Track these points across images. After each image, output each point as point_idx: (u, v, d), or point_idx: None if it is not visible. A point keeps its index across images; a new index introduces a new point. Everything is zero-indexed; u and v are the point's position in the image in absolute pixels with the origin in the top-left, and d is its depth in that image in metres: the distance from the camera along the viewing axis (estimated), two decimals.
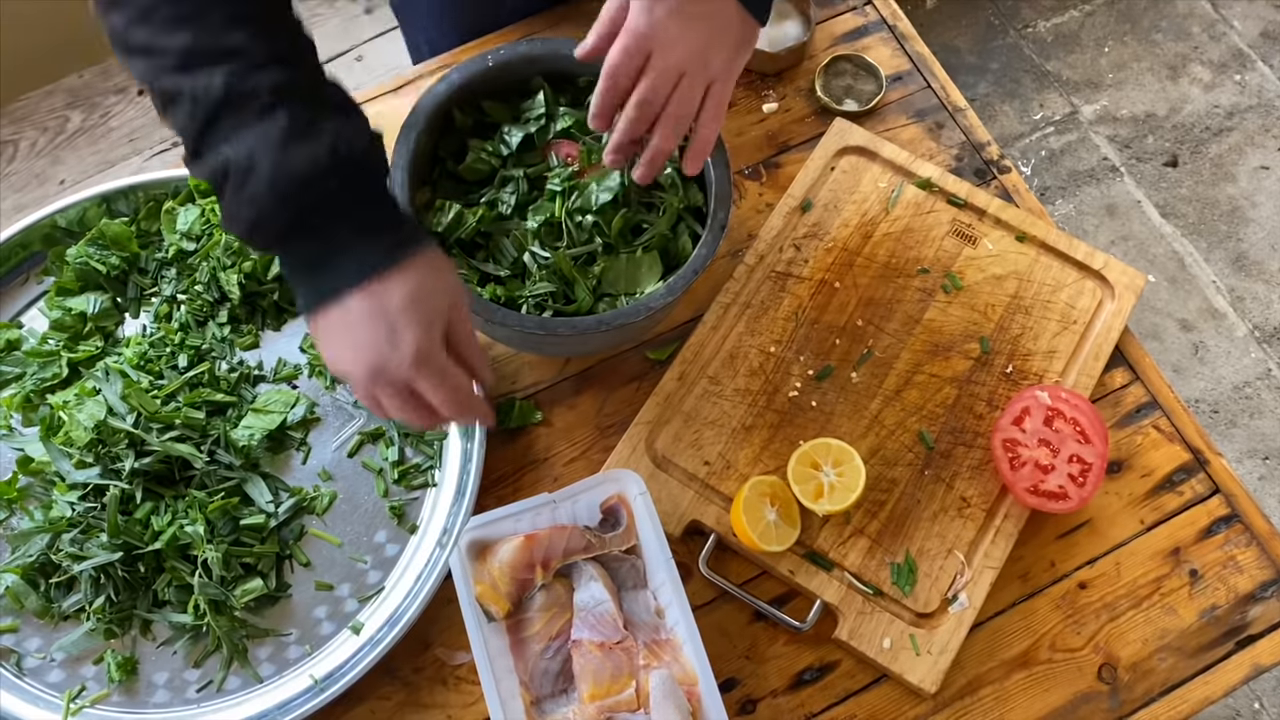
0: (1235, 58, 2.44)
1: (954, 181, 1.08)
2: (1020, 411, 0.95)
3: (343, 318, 0.71)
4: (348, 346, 0.72)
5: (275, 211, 0.68)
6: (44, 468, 0.94)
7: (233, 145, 0.67)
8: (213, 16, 0.67)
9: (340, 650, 0.91)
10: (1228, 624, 0.94)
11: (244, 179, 0.67)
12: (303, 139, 0.67)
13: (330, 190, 0.69)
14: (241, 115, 0.67)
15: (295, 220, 0.69)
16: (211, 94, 0.66)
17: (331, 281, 0.71)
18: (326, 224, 0.70)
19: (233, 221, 0.69)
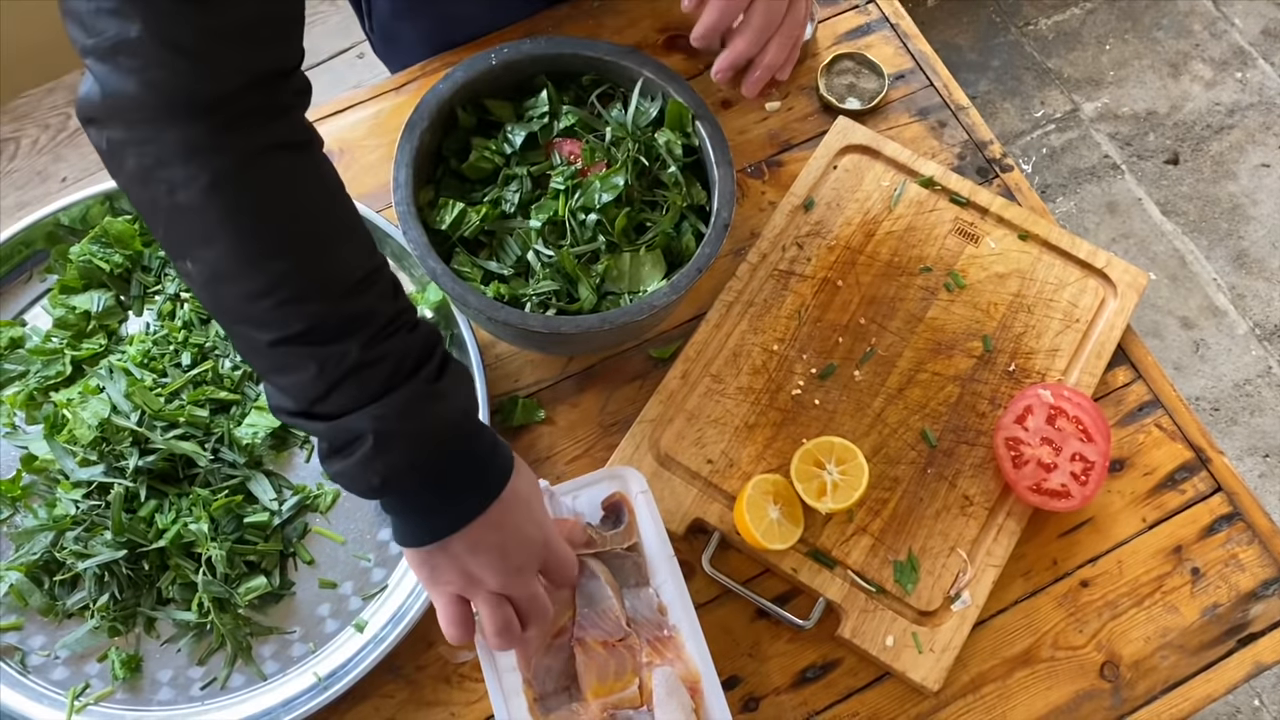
0: (1236, 55, 2.44)
1: (956, 180, 1.08)
2: (1023, 410, 0.96)
3: (447, 556, 0.73)
4: (454, 572, 0.74)
5: (407, 476, 0.69)
6: (48, 466, 0.95)
7: (362, 416, 0.67)
8: (338, 284, 0.67)
9: (344, 648, 0.91)
10: (1229, 622, 0.95)
11: (383, 445, 0.67)
12: (433, 404, 0.69)
13: (456, 449, 0.71)
14: (368, 385, 0.67)
15: (425, 479, 0.71)
16: (344, 363, 0.66)
17: (441, 525, 0.72)
18: (448, 477, 0.72)
19: (353, 482, 0.70)
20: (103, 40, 0.60)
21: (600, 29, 1.17)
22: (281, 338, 0.66)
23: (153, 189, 0.63)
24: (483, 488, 0.73)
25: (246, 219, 0.64)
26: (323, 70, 2.36)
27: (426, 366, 0.69)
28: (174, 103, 0.61)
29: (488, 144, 0.96)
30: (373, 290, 0.68)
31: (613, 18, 1.18)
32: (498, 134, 0.98)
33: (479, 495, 0.73)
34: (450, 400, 0.70)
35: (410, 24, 1.20)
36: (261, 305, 0.65)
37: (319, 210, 0.68)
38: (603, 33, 1.17)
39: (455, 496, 0.72)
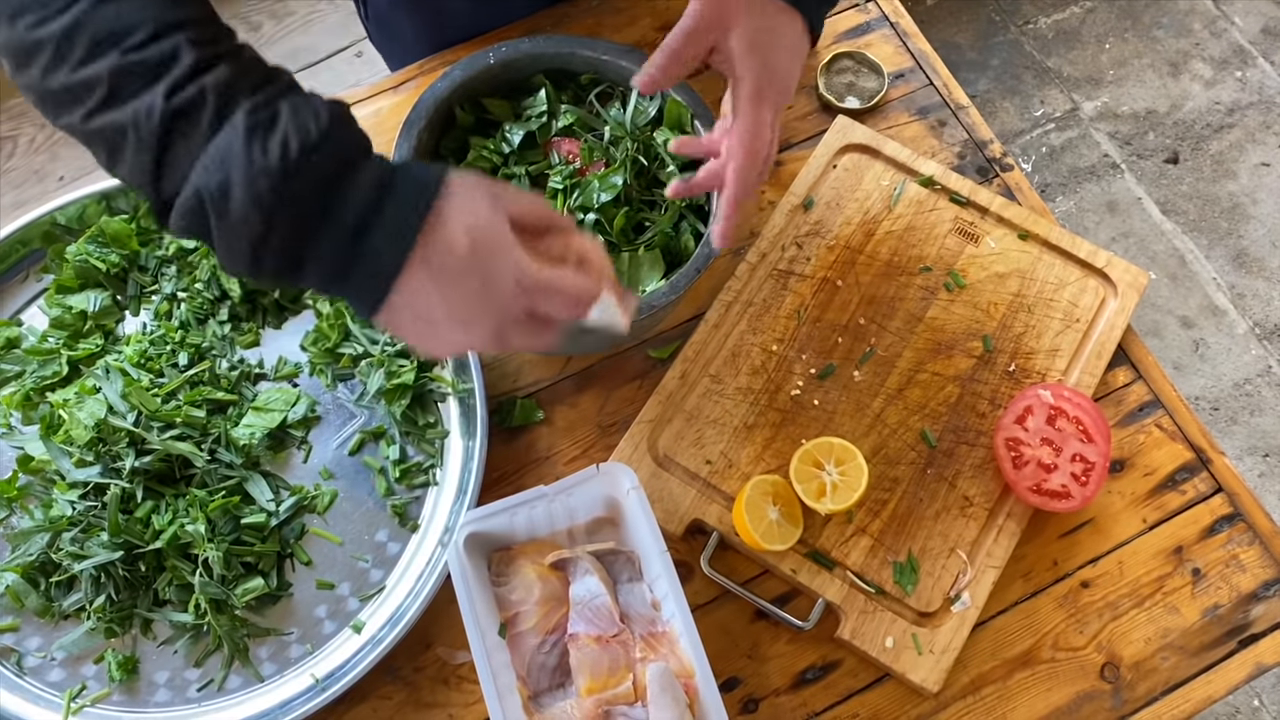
0: (1236, 54, 2.43)
1: (956, 179, 1.07)
2: (1023, 410, 0.95)
3: (413, 301, 0.62)
4: (445, 325, 0.63)
5: (268, 222, 0.59)
6: (44, 466, 0.94)
7: (198, 172, 0.58)
8: (135, 32, 0.59)
9: (341, 649, 0.91)
10: (1230, 623, 0.94)
11: (224, 203, 0.58)
12: (266, 132, 0.59)
13: (318, 173, 0.59)
14: (193, 134, 0.59)
15: (296, 224, 0.60)
16: (153, 120, 0.58)
17: (373, 270, 0.61)
18: (330, 212, 0.60)
19: (233, 257, 0.61)
20: None
21: (600, 28, 1.17)
22: (89, 110, 0.59)
23: None
24: (382, 233, 0.61)
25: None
26: (322, 69, 2.35)
27: (262, 94, 0.60)
28: None
29: (486, 143, 0.96)
30: (178, 35, 0.59)
31: (612, 16, 1.18)
32: (496, 133, 0.97)
33: (384, 245, 0.61)
34: (295, 124, 0.59)
35: (406, 17, 1.19)
36: (59, 75, 0.59)
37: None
38: (602, 31, 1.16)
39: (352, 248, 0.61)
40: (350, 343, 1.00)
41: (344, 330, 1.00)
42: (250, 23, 2.41)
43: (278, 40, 2.40)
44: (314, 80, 2.33)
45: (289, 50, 2.38)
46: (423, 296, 0.62)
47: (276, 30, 2.41)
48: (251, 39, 2.40)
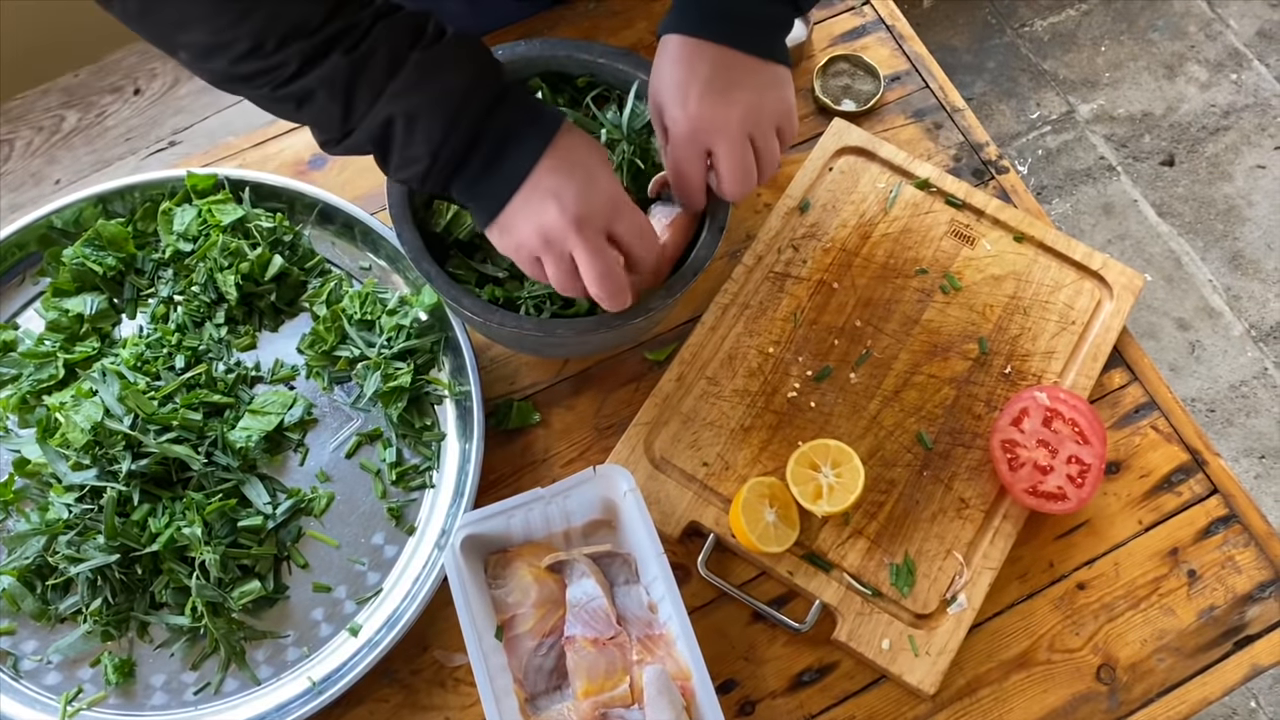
0: (1231, 57, 2.44)
1: (952, 182, 1.08)
2: (1019, 412, 0.95)
3: (535, 188, 0.76)
4: (550, 207, 0.76)
5: (448, 137, 0.74)
6: (40, 469, 0.94)
7: (384, 104, 0.72)
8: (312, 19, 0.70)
9: (338, 652, 0.91)
10: (1226, 624, 0.94)
11: (410, 127, 0.73)
12: (439, 68, 0.73)
13: (484, 98, 0.75)
14: (374, 76, 0.72)
15: (469, 136, 0.75)
16: (340, 75, 0.71)
17: (514, 168, 0.76)
18: (491, 125, 0.76)
19: (407, 166, 0.76)
20: None
21: (596, 31, 1.17)
22: (282, 81, 0.71)
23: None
24: (528, 137, 0.76)
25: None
26: None
27: (420, 41, 0.73)
28: None
29: None
30: (345, 9, 0.71)
31: (608, 19, 1.18)
32: None
33: (527, 145, 0.76)
34: (457, 63, 0.75)
35: None
36: (252, 64, 0.71)
37: None
38: (598, 34, 1.17)
39: (501, 151, 0.76)
40: (347, 345, 1.00)
41: (340, 333, 1.00)
42: None
43: None
44: None
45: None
46: (545, 182, 0.76)
47: None
48: None
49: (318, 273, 1.04)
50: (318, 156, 1.11)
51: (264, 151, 1.12)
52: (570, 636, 0.86)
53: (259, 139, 1.13)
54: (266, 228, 1.02)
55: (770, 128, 0.85)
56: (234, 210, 1.02)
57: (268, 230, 1.02)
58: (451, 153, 0.75)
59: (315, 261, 1.04)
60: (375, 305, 1.00)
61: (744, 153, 0.84)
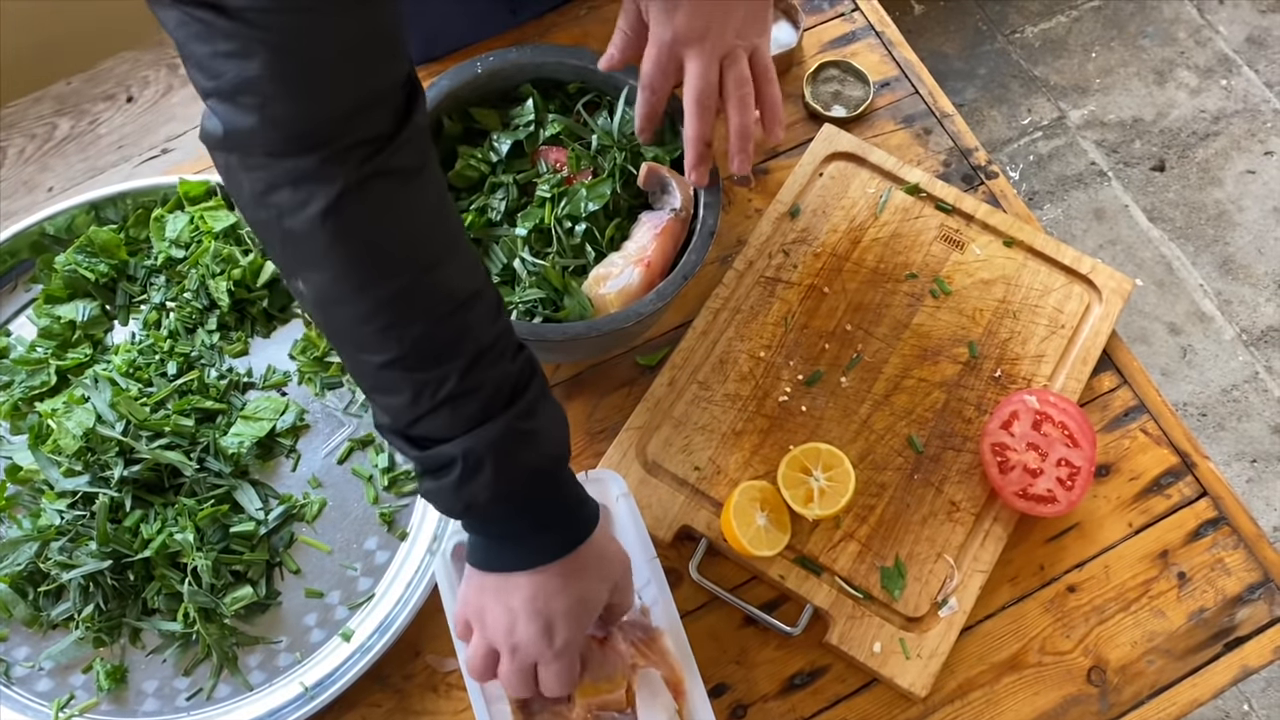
0: (1221, 63, 2.45)
1: (942, 187, 1.08)
2: (1009, 415, 0.96)
3: (506, 591, 0.73)
4: (500, 614, 0.74)
5: (492, 508, 0.71)
6: (32, 476, 0.94)
7: (454, 445, 0.68)
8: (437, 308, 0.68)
9: (330, 658, 0.91)
10: (1216, 626, 0.95)
11: (470, 476, 0.69)
12: (524, 443, 0.70)
13: (539, 494, 0.72)
14: (461, 413, 0.68)
15: (508, 513, 0.72)
16: (441, 392, 0.68)
17: (511, 560, 0.73)
18: (529, 514, 0.73)
19: (442, 502, 0.72)
20: (223, 83, 0.62)
21: (586, 37, 1.17)
22: (386, 361, 0.68)
23: (265, 212, 0.66)
24: (560, 537, 0.74)
25: (353, 247, 0.66)
26: None
27: (520, 402, 0.70)
28: (289, 136, 0.63)
29: (474, 152, 0.97)
30: (474, 311, 0.69)
31: (599, 26, 1.18)
32: (483, 142, 0.98)
33: (555, 543, 0.73)
34: (540, 443, 0.72)
35: None
36: (367, 329, 0.68)
37: (423, 234, 0.69)
38: (589, 41, 1.17)
39: (532, 538, 0.73)
40: None
41: None
42: None
43: None
44: None
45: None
46: (514, 597, 0.73)
47: None
48: None
49: None
50: None
51: None
52: None
53: None
54: None
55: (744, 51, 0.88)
56: (226, 217, 1.02)
57: None
58: (484, 514, 0.73)
59: None
60: None
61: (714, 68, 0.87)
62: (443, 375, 0.67)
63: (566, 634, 0.74)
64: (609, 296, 0.91)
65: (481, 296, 0.70)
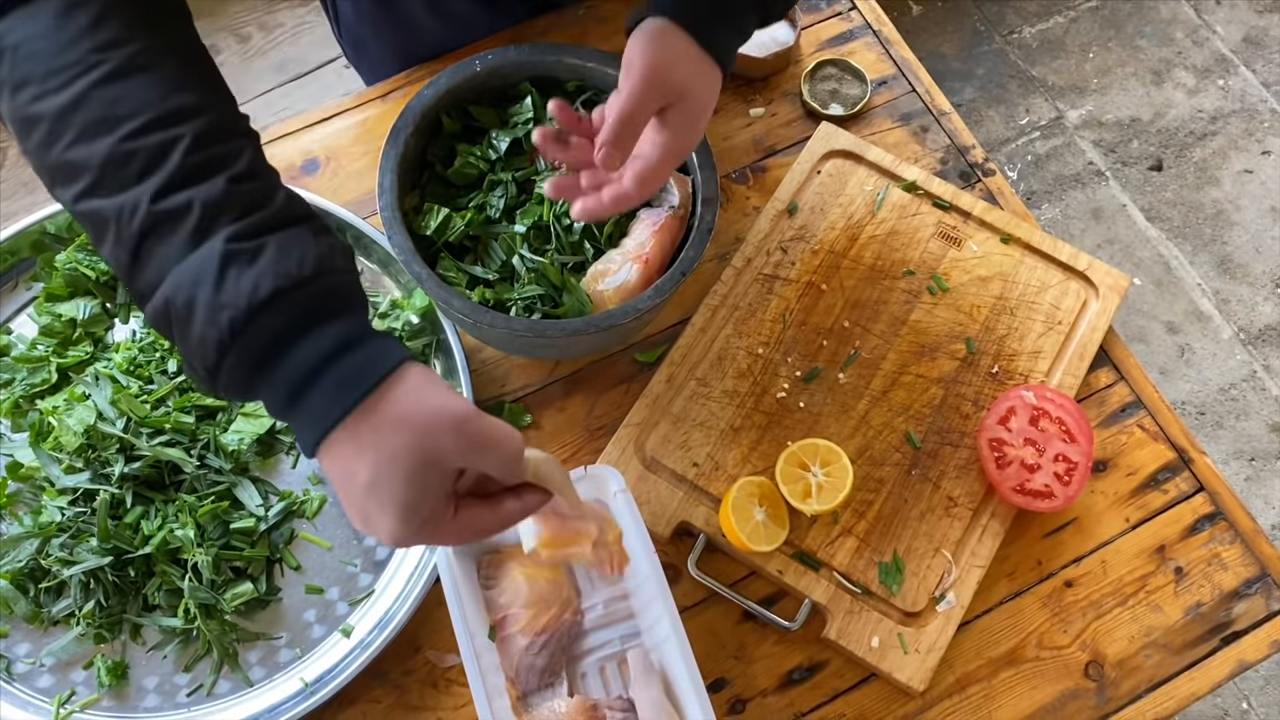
0: (1218, 63, 2.46)
1: (939, 184, 1.09)
2: (1006, 411, 0.96)
3: (332, 471, 0.62)
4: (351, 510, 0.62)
5: (221, 354, 0.58)
6: (33, 473, 0.94)
7: (169, 283, 0.58)
8: (132, 119, 0.59)
9: (330, 653, 0.91)
10: (1213, 621, 0.95)
11: (186, 323, 0.58)
12: (243, 265, 0.58)
13: (279, 321, 0.58)
14: (172, 242, 0.58)
15: (247, 365, 0.59)
16: (135, 220, 0.58)
17: (307, 428, 0.60)
18: (280, 362, 0.59)
19: (191, 370, 0.61)
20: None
21: (585, 36, 1.18)
22: (78, 192, 0.59)
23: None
24: (336, 389, 0.59)
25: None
26: (310, 79, 2.36)
27: (248, 219, 0.59)
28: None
29: (473, 150, 0.97)
30: (177, 129, 0.59)
31: (597, 24, 1.19)
32: (482, 140, 0.98)
33: (331, 398, 0.59)
34: (276, 265, 0.58)
35: (374, 33, 1.20)
36: (52, 154, 0.60)
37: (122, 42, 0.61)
38: (588, 39, 1.18)
39: (289, 403, 0.60)
40: None
41: None
42: (239, 34, 2.42)
43: (266, 51, 2.41)
44: (301, 91, 2.34)
45: (278, 61, 2.39)
46: (338, 474, 0.61)
47: (265, 41, 2.42)
48: (240, 50, 2.40)
49: None
50: (310, 162, 1.12)
51: None
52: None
53: None
54: None
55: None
56: None
57: None
58: (230, 377, 0.59)
59: None
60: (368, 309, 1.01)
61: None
62: (135, 200, 0.58)
63: (387, 522, 0.60)
64: (607, 293, 0.92)
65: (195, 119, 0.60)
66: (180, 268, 0.58)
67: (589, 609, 0.90)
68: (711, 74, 0.80)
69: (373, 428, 0.59)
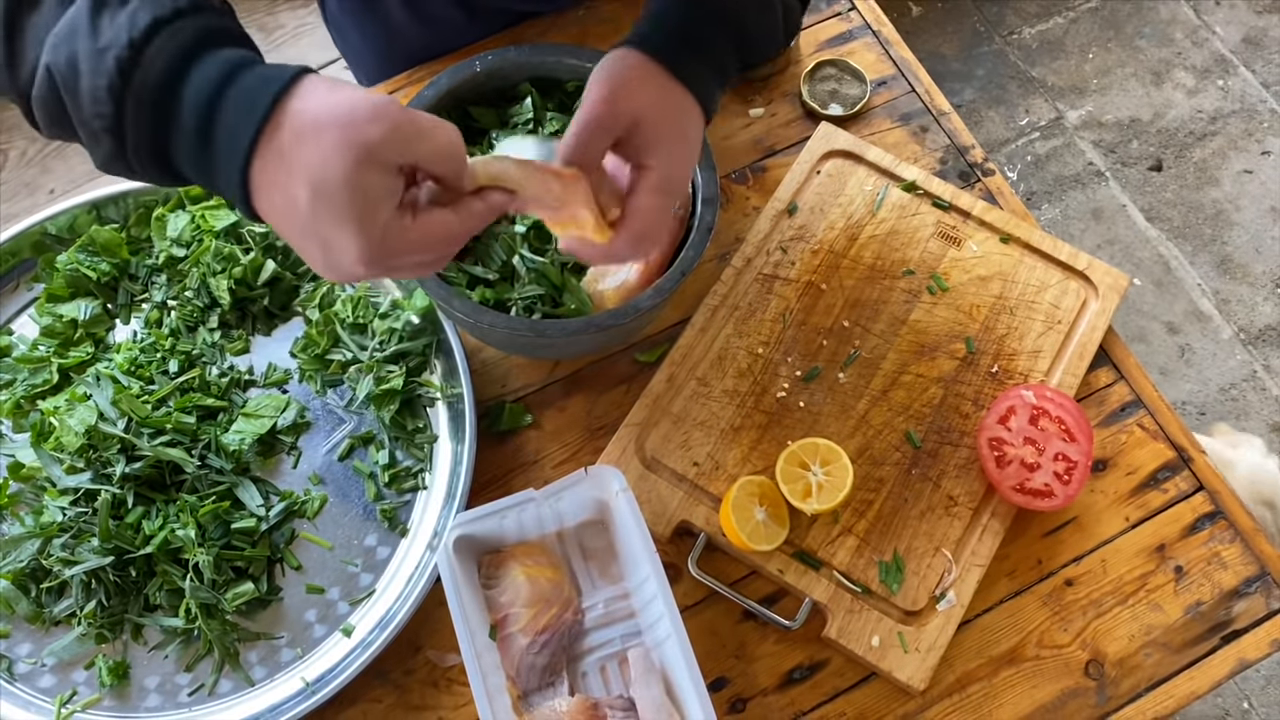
0: (1218, 63, 2.46)
1: (938, 184, 1.09)
2: (1006, 410, 0.96)
3: (269, 215, 0.58)
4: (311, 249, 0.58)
5: (118, 103, 0.55)
6: (35, 473, 0.95)
7: (47, 49, 0.55)
8: None
9: (331, 653, 0.91)
10: (1213, 619, 0.95)
11: (73, 82, 0.55)
12: (118, 4, 0.55)
13: (166, 53, 0.55)
14: (42, 8, 0.56)
15: (147, 107, 0.55)
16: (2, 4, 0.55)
17: (228, 177, 0.57)
18: (176, 98, 0.55)
19: (99, 150, 0.58)
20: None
21: (585, 36, 1.18)
22: None
23: None
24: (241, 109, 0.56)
25: None
26: None
27: None
28: None
29: (473, 150, 0.97)
30: None
31: (597, 25, 1.19)
32: (482, 140, 0.98)
33: (240, 117, 0.56)
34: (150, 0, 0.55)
35: (356, 27, 1.21)
36: None
37: None
38: (588, 40, 1.18)
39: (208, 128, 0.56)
40: (339, 349, 1.01)
41: (333, 337, 1.01)
42: None
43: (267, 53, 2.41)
44: None
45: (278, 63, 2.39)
46: (280, 210, 0.57)
47: (265, 43, 2.42)
48: None
49: (310, 277, 1.05)
50: None
51: None
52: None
53: None
54: (259, 233, 1.03)
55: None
56: (227, 216, 1.03)
57: (260, 235, 1.03)
58: (138, 131, 0.56)
59: (307, 266, 1.05)
60: (367, 309, 1.01)
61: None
62: None
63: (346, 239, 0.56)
64: (607, 293, 0.92)
65: None
66: (55, 30, 0.55)
67: (589, 608, 0.90)
68: (682, 104, 0.74)
69: (295, 138, 0.55)
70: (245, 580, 0.92)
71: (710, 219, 0.92)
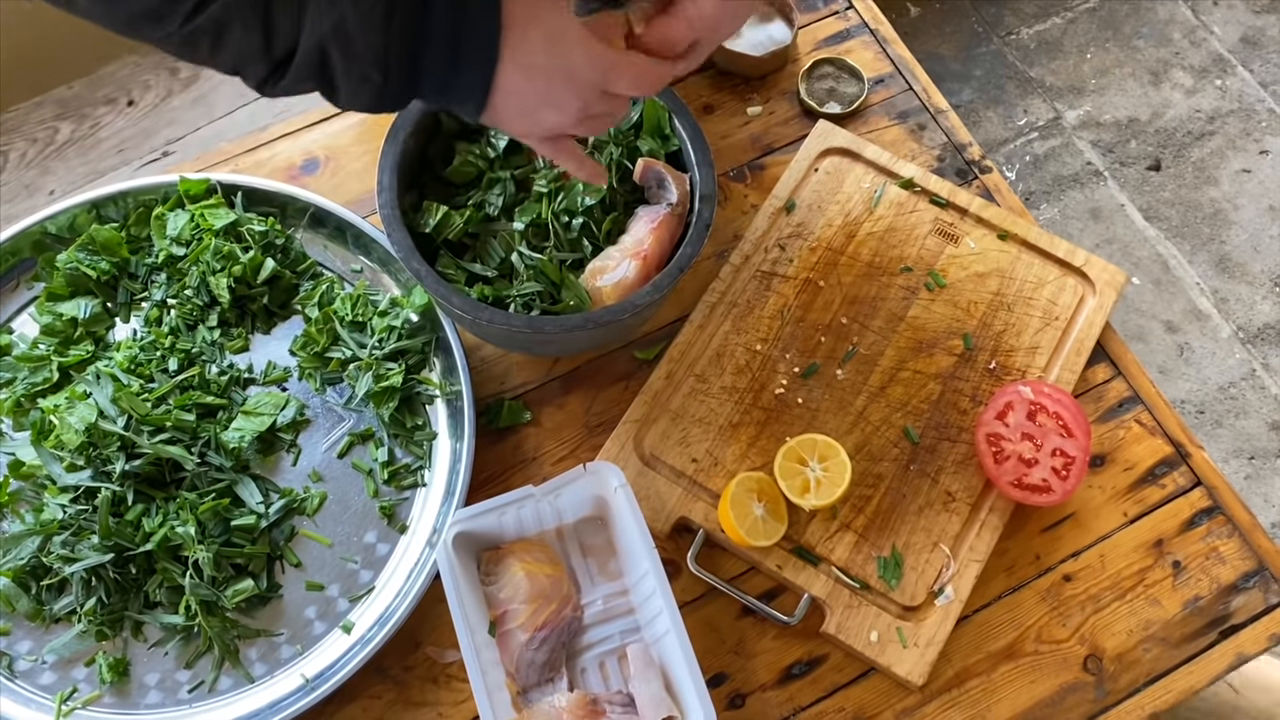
0: (1216, 63, 2.46)
1: (936, 181, 1.09)
2: (1003, 406, 0.97)
3: (508, 99, 0.70)
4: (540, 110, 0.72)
5: (386, 41, 0.64)
6: (35, 471, 0.95)
7: (310, 25, 0.62)
8: None
9: (331, 649, 0.91)
10: (1211, 614, 0.95)
11: (345, 41, 0.63)
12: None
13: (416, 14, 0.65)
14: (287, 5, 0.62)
15: (407, 40, 0.65)
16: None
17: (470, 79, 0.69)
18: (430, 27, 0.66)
19: (360, 90, 0.67)
20: None
21: None
22: (189, 11, 0.61)
23: None
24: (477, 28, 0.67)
25: None
26: None
27: None
28: None
29: (471, 148, 0.97)
30: None
31: None
32: (481, 138, 0.99)
33: (476, 53, 0.68)
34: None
35: None
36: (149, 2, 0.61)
37: None
38: None
39: (451, 57, 0.68)
40: (339, 347, 1.01)
41: (332, 335, 1.01)
42: None
43: None
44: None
45: None
46: (516, 95, 0.70)
47: None
48: None
49: (309, 275, 1.05)
50: (310, 161, 1.13)
51: (256, 157, 1.13)
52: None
53: (251, 145, 1.14)
54: (259, 231, 1.03)
55: None
56: (226, 214, 1.03)
57: (260, 234, 1.03)
58: (401, 65, 0.66)
59: (307, 264, 1.05)
60: (366, 307, 1.01)
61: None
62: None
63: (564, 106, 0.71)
64: (606, 289, 0.92)
65: None
66: (309, 6, 0.61)
67: (589, 604, 0.91)
68: None
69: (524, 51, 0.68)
70: (245, 577, 0.92)
71: (708, 216, 0.92)
